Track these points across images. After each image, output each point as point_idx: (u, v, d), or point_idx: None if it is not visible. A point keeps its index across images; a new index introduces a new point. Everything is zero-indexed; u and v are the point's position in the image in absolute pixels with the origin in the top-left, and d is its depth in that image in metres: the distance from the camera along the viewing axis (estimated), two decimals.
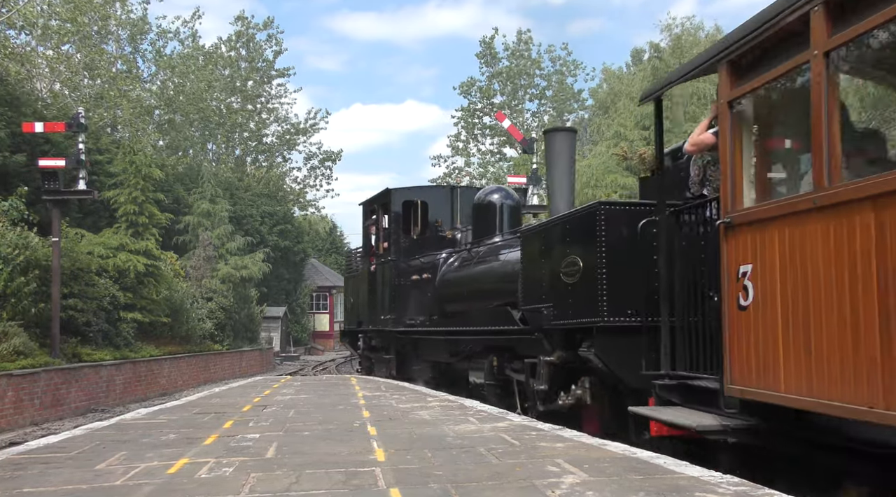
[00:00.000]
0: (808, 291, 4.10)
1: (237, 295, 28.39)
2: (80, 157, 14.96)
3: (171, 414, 7.58)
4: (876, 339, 3.58)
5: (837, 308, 3.87)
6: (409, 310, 12.69)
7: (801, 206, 4.15)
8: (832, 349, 3.89)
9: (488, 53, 43.35)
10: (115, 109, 32.23)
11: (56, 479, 4.17)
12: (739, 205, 4.80)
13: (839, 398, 3.79)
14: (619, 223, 6.66)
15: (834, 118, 3.96)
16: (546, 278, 7.77)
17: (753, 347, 4.60)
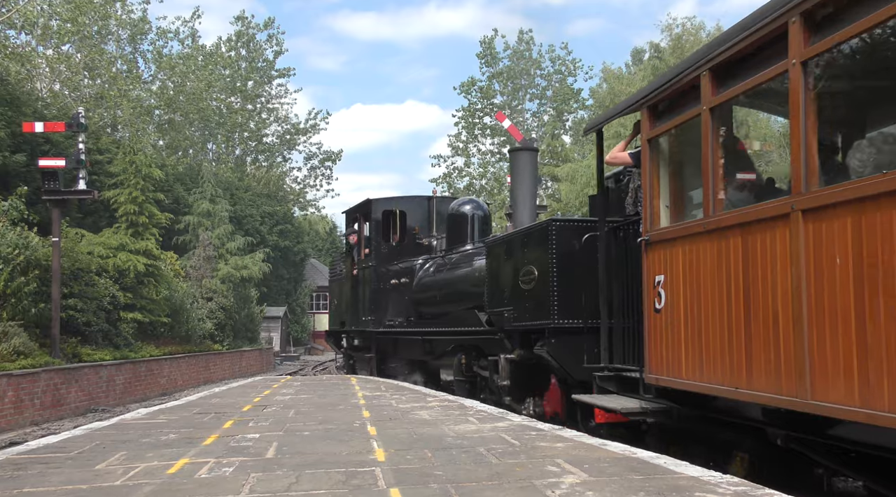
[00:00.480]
0: (699, 297, 5.20)
1: (237, 295, 28.40)
2: (80, 156, 14.96)
3: (171, 414, 7.58)
4: (742, 336, 4.65)
5: (719, 311, 4.94)
6: (389, 312, 13.58)
7: (696, 228, 5.26)
8: (716, 343, 4.96)
9: (489, 54, 43.35)
10: (116, 109, 32.23)
11: (56, 479, 4.17)
12: (656, 225, 5.86)
13: (719, 382, 4.89)
14: (569, 237, 7.63)
15: (718, 162, 5.08)
16: (507, 285, 8.74)
17: (664, 343, 5.65)
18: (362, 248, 14.71)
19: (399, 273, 13.51)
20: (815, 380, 4.04)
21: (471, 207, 12.36)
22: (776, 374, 4.36)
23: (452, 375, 11.05)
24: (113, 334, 17.43)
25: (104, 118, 32.27)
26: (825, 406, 3.97)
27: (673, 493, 3.57)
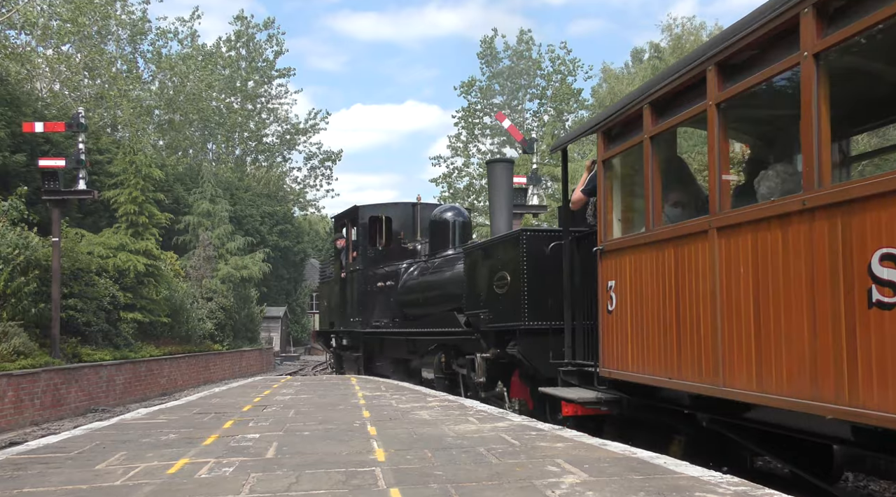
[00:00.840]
0: (642, 301, 6.01)
1: (237, 295, 28.41)
2: (80, 157, 14.96)
3: (171, 414, 7.58)
4: (674, 334, 5.49)
5: (657, 312, 5.77)
6: (375, 313, 14.16)
7: (640, 240, 6.06)
8: (654, 340, 5.80)
9: (489, 53, 43.36)
10: (115, 109, 32.22)
11: (56, 479, 4.17)
12: (609, 236, 6.66)
13: (657, 374, 5.71)
14: (538, 246, 8.36)
15: (657, 183, 5.89)
16: (483, 289, 9.52)
17: (615, 341, 6.48)
18: (350, 252, 15.28)
19: (385, 276, 14.13)
20: (726, 370, 4.89)
21: (452, 214, 13.02)
22: (699, 365, 5.20)
23: (433, 374, 11.70)
24: (113, 334, 17.43)
25: (104, 118, 32.27)
26: (733, 391, 4.80)
27: (673, 493, 3.57)
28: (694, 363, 5.25)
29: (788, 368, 4.34)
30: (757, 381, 4.59)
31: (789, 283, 4.36)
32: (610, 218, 6.75)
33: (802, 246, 4.27)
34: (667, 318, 5.63)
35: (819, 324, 4.13)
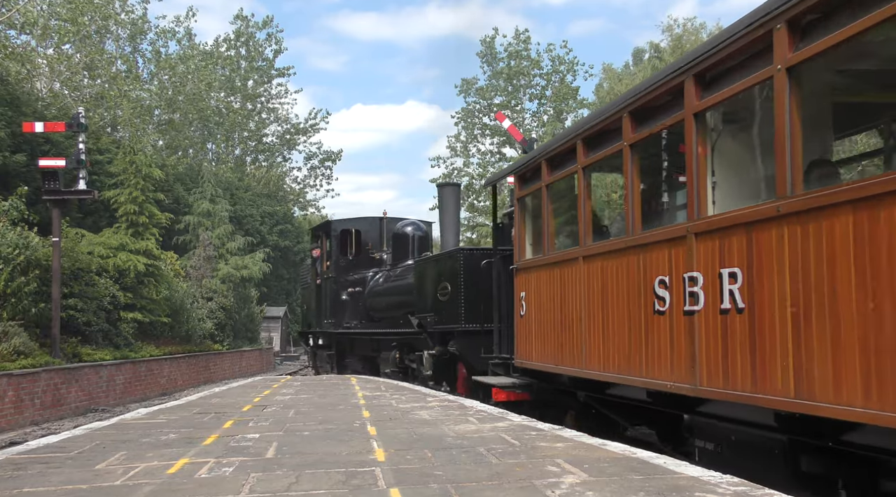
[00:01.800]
0: (542, 307, 8.00)
1: (237, 295, 28.40)
2: (81, 156, 14.96)
3: (171, 414, 7.59)
4: (560, 332, 7.44)
5: (550, 316, 7.73)
6: (346, 316, 15.99)
7: (541, 262, 8.06)
8: (550, 337, 7.75)
9: (489, 53, 43.33)
10: (116, 109, 32.22)
11: (56, 479, 4.18)
12: (522, 257, 8.65)
13: (551, 363, 7.68)
14: (474, 261, 10.48)
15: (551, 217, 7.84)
16: (430, 296, 11.54)
17: (525, 338, 8.50)
18: (324, 261, 16.96)
19: (355, 283, 15.88)
20: (587, 357, 6.90)
21: (412, 228, 14.78)
22: (573, 355, 7.21)
23: (389, 368, 13.62)
24: (113, 334, 17.43)
25: (104, 118, 32.26)
26: (590, 372, 6.82)
27: (673, 493, 3.58)
28: (571, 354, 7.31)
29: (618, 355, 6.31)
30: (604, 365, 6.59)
31: (619, 297, 6.32)
32: (523, 242, 8.71)
33: (624, 273, 6.24)
34: (556, 320, 7.65)
35: (633, 324, 6.06)
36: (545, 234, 7.99)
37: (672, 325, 5.50)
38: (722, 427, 5.26)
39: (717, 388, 4.95)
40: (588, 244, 6.92)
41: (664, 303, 5.60)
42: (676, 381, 5.42)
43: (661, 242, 5.68)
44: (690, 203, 5.35)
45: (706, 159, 5.26)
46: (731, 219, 4.88)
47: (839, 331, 3.95)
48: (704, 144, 5.24)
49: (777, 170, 4.41)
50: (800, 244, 4.25)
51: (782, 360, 4.34)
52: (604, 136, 6.72)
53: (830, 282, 4.01)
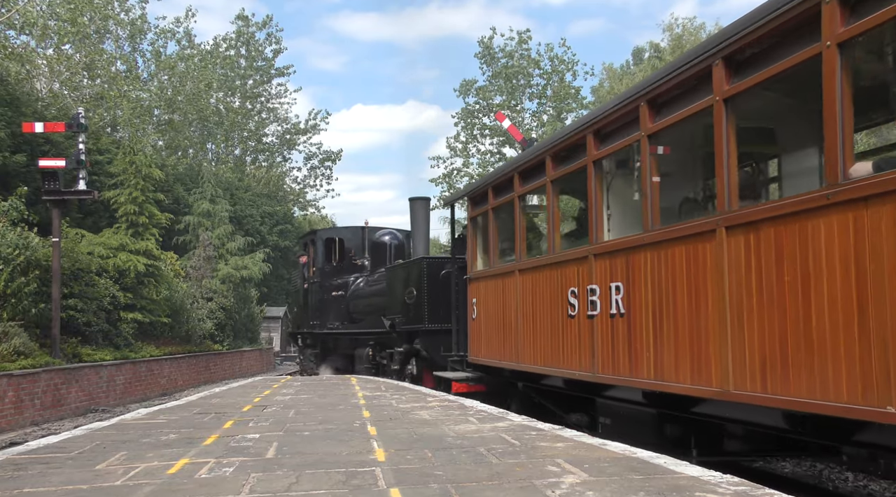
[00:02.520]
0: (488, 311, 9.52)
1: (237, 295, 28.39)
2: (81, 157, 14.95)
3: (172, 414, 7.59)
4: (502, 332, 8.90)
5: (495, 319, 9.19)
6: (330, 317, 17.39)
7: (488, 273, 9.58)
8: (494, 337, 9.26)
9: (487, 54, 43.28)
10: (115, 109, 32.20)
11: (56, 480, 4.18)
12: (475, 268, 10.26)
13: (496, 358, 9.17)
14: (435, 269, 12.20)
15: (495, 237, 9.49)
16: (399, 299, 13.15)
17: (476, 337, 10.04)
18: (311, 267, 18.43)
19: (338, 287, 17.29)
20: (521, 353, 8.47)
21: (389, 238, 16.59)
22: (514, 352, 8.67)
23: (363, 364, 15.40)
24: (113, 334, 17.43)
25: (104, 118, 32.24)
26: (524, 365, 8.38)
27: (673, 493, 3.58)
28: (510, 351, 8.82)
29: (545, 351, 7.85)
30: (534, 360, 8.13)
31: (545, 303, 7.84)
32: (475, 256, 10.25)
33: (547, 284, 7.85)
34: (500, 323, 9.14)
35: (554, 326, 7.62)
36: (491, 249, 9.67)
37: (580, 327, 7.10)
38: (614, 405, 6.80)
39: (608, 374, 6.55)
40: (522, 260, 8.58)
41: (574, 309, 7.20)
42: (583, 370, 7.02)
43: (572, 261, 7.30)
44: (591, 230, 6.96)
45: (602, 195, 6.89)
46: (617, 244, 6.46)
47: (677, 329, 5.50)
48: (601, 184, 6.89)
49: (643, 209, 6.00)
50: (656, 266, 5.81)
51: (646, 352, 5.89)
52: (534, 170, 8.37)
53: (673, 293, 5.58)
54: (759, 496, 3.52)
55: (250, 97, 46.78)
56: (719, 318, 5.01)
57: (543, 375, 8.05)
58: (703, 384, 5.13)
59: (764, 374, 4.60)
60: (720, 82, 4.99)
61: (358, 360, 15.99)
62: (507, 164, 9.65)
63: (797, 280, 4.34)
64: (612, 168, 7.04)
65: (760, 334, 4.63)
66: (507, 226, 9.32)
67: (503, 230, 9.54)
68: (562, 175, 7.68)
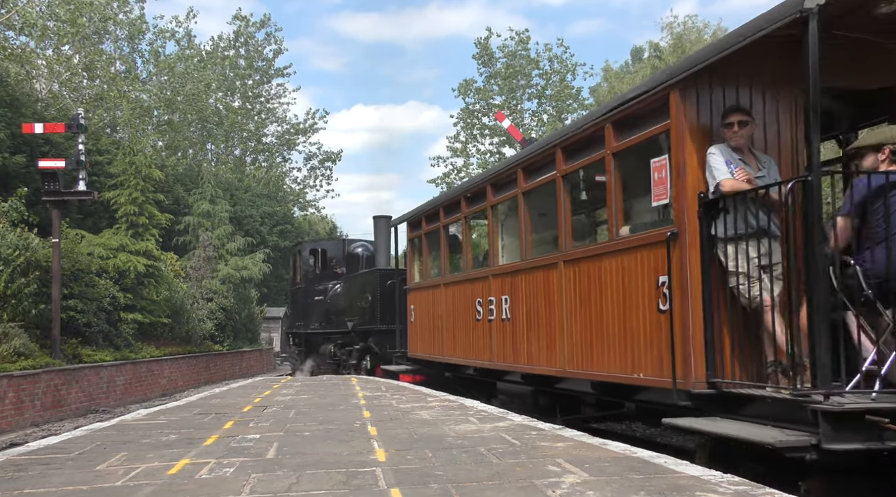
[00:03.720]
0: (422, 316, 11.97)
1: (237, 295, 28.37)
2: (80, 157, 14.95)
3: (172, 415, 7.59)
4: (433, 332, 11.38)
5: (428, 322, 11.62)
6: (313, 319, 19.70)
7: (422, 285, 12.10)
8: (426, 336, 11.74)
9: (485, 54, 43.24)
10: (115, 110, 32.18)
11: (57, 480, 4.18)
12: (412, 281, 12.63)
13: (428, 354, 11.68)
14: (385, 279, 14.52)
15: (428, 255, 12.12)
16: (356, 303, 16.11)
17: (413, 337, 12.44)
18: (298, 274, 20.85)
19: (320, 292, 19.48)
20: (447, 349, 10.70)
21: (362, 249, 18.64)
22: (440, 347, 11.01)
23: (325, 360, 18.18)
24: (113, 335, 17.42)
25: (104, 119, 32.22)
26: (447, 358, 10.73)
27: (674, 493, 3.58)
28: (438, 346, 11.23)
29: (462, 347, 10.11)
30: (455, 353, 10.50)
31: (461, 310, 10.20)
32: (413, 271, 12.79)
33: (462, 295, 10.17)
34: (431, 324, 11.55)
35: (467, 328, 9.87)
36: (424, 266, 12.23)
37: (483, 328, 9.38)
38: (507, 386, 9.30)
39: (501, 363, 8.88)
40: (446, 276, 11.06)
41: (480, 314, 9.52)
42: (485, 360, 9.33)
43: (479, 278, 9.70)
44: (491, 256, 9.54)
45: (498, 231, 9.38)
46: (506, 268, 8.88)
47: (539, 329, 7.85)
48: (497, 223, 9.41)
49: (520, 243, 8.45)
50: (528, 284, 8.17)
51: (523, 345, 8.25)
52: (454, 207, 10.84)
53: (536, 304, 7.91)
54: (760, 495, 3.52)
55: (250, 98, 46.76)
56: (560, 321, 7.33)
57: (462, 365, 10.45)
58: (554, 366, 7.51)
59: (581, 356, 6.96)
60: (560, 162, 7.48)
61: (321, 357, 18.65)
62: (435, 199, 12.31)
63: (598, 296, 6.66)
64: (505, 211, 9.38)
65: (580, 331, 6.99)
66: (435, 248, 11.74)
67: (432, 251, 11.97)
68: (472, 212, 10.30)
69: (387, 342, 14.13)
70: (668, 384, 5.50)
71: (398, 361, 13.24)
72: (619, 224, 6.43)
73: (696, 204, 5.40)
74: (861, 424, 4.12)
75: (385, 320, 14.28)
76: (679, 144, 5.57)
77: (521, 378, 8.66)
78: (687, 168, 5.52)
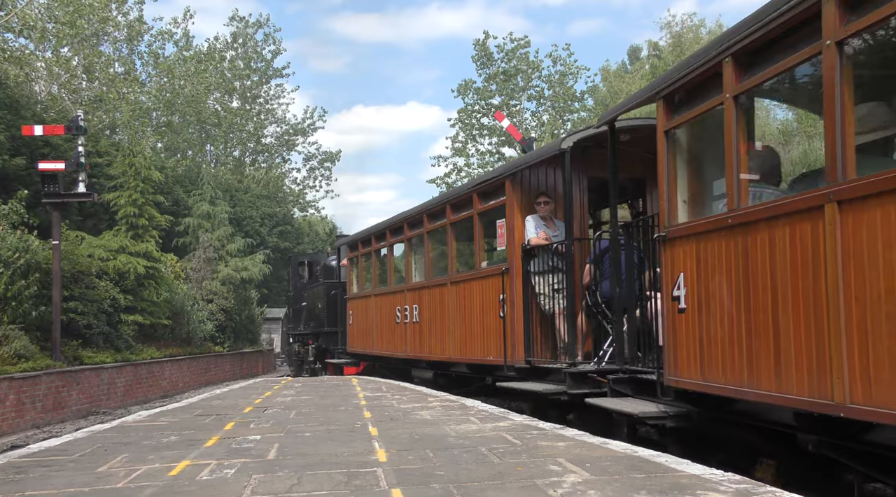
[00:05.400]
0: (358, 319, 15.73)
1: (238, 296, 28.34)
2: (80, 159, 14.94)
3: (173, 416, 7.59)
4: (385, 333, 13.67)
5: (362, 324, 15.34)
6: (301, 322, 22.67)
7: (358, 295, 15.70)
8: (361, 335, 15.37)
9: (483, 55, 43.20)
10: (115, 112, 32.16)
11: (58, 482, 4.18)
12: (351, 291, 16.26)
13: (362, 348, 15.32)
14: (331, 290, 18.36)
15: (363, 271, 15.68)
16: (314, 309, 19.96)
17: (351, 336, 16.20)
18: (290, 283, 24.66)
19: (305, 298, 22.15)
20: (377, 345, 14.17)
21: (335, 263, 19.98)
22: (371, 343, 14.48)
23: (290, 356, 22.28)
24: (114, 337, 17.41)
25: (103, 121, 32.20)
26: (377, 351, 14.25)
27: (675, 492, 3.58)
28: (369, 343, 14.46)
29: (387, 343, 13.39)
30: (381, 348, 13.82)
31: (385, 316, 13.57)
32: (352, 281, 15.92)
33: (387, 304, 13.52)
34: (364, 326, 14.92)
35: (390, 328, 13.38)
36: (360, 280, 15.61)
37: (401, 329, 12.60)
38: (418, 372, 12.50)
39: (414, 355, 12.06)
40: (375, 289, 14.43)
41: (398, 319, 12.74)
42: (402, 353, 12.61)
43: (398, 291, 12.95)
44: (405, 275, 12.65)
45: (411, 256, 12.46)
46: (415, 284, 12.09)
47: (436, 329, 10.93)
48: (411, 250, 12.54)
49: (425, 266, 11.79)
50: (430, 298, 11.20)
51: (428, 341, 11.27)
52: (382, 236, 14.05)
53: (434, 312, 11.08)
54: (761, 494, 3.52)
55: (248, 98, 46.73)
56: (448, 323, 10.62)
57: (387, 357, 13.73)
58: (445, 355, 10.73)
59: (461, 347, 10.21)
60: (449, 214, 10.84)
61: (288, 356, 24.07)
62: (369, 228, 15.28)
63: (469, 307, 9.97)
64: (416, 243, 12.46)
65: (459, 330, 10.26)
66: (367, 266, 15.29)
67: (366, 269, 15.41)
68: (394, 241, 13.49)
69: (332, 341, 18.02)
70: (503, 362, 8.84)
71: (339, 356, 17.08)
72: (480, 260, 10.07)
73: (519, 251, 8.68)
74: (586, 379, 7.34)
75: (330, 324, 18.12)
76: (510, 213, 8.95)
77: (426, 365, 11.89)
78: (515, 228, 8.82)
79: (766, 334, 4.56)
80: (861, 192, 3.85)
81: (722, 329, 5.09)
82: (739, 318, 4.88)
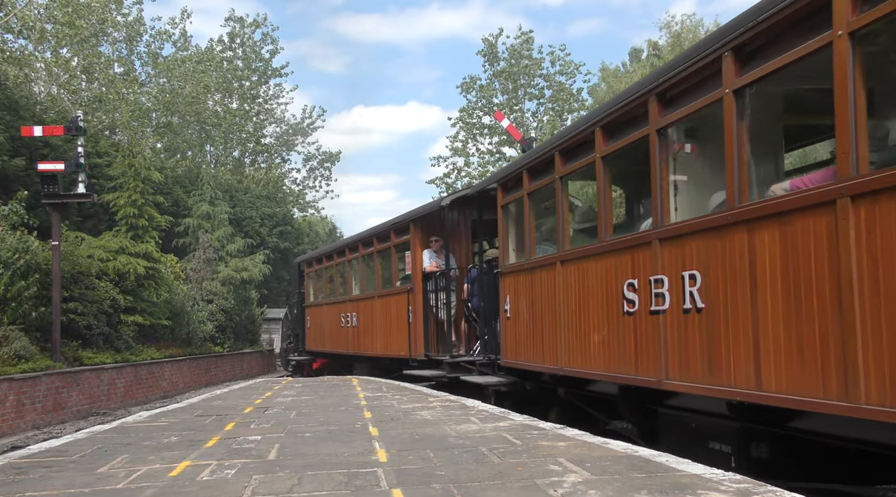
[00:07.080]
0: (315, 323, 19.98)
1: (238, 297, 28.34)
2: (80, 160, 14.94)
3: (173, 416, 7.58)
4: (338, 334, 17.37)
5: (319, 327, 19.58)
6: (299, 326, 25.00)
7: (315, 303, 20.09)
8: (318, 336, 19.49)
9: (491, 52, 43.21)
10: (114, 112, 32.14)
11: (58, 483, 4.18)
12: (308, 301, 20.83)
13: (318, 347, 19.66)
14: (300, 302, 21.48)
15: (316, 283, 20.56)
16: (291, 316, 24.06)
17: (310, 337, 20.47)
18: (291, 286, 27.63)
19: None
20: (326, 343, 18.55)
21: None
22: (325, 342, 18.56)
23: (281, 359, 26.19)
24: (114, 337, 17.40)
25: (103, 121, 32.18)
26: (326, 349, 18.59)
27: (675, 491, 3.57)
28: (324, 342, 18.62)
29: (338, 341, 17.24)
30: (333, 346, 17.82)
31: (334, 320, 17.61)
32: (309, 293, 20.46)
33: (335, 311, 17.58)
34: (320, 329, 19.09)
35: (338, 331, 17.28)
36: (316, 291, 19.46)
37: (345, 331, 16.36)
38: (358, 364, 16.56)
39: (356, 351, 15.84)
40: (329, 297, 17.67)
41: (343, 323, 16.47)
42: (346, 350, 16.44)
43: (343, 301, 16.70)
44: (348, 288, 16.46)
45: (367, 270, 15.58)
46: (355, 296, 15.92)
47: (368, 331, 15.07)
48: (352, 269, 16.36)
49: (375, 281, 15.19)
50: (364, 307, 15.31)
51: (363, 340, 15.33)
52: (343, 251, 16.76)
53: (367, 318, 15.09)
54: (762, 493, 3.51)
55: (248, 99, 46.70)
56: (375, 327, 14.32)
57: (336, 354, 17.39)
58: (375, 351, 14.46)
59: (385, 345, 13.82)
60: (376, 244, 14.67)
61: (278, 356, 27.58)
62: (323, 248, 17.94)
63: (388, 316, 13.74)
64: (358, 262, 15.79)
65: (383, 331, 14.00)
66: (326, 278, 18.70)
67: (325, 280, 18.78)
68: (340, 262, 16.98)
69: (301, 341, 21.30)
70: (408, 355, 12.41)
71: (300, 354, 21.02)
72: (396, 280, 13.61)
73: (420, 275, 12.15)
74: (458, 366, 10.83)
75: (298, 327, 21.59)
76: (414, 247, 12.49)
77: (365, 359, 15.62)
78: (417, 259, 12.32)
79: (542, 333, 7.97)
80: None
81: (525, 329, 8.50)
82: (531, 323, 8.30)
